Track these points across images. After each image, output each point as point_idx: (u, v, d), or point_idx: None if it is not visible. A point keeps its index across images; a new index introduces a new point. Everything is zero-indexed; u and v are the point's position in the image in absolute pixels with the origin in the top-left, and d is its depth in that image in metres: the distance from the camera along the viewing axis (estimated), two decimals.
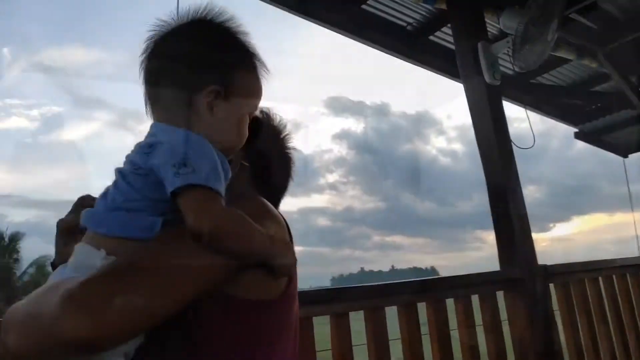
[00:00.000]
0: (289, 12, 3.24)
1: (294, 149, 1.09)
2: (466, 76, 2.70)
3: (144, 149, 0.73)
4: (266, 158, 1.03)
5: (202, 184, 0.67)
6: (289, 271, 0.80)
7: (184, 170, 0.66)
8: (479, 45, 2.60)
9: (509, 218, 2.49)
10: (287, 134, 1.08)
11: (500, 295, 2.43)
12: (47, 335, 0.62)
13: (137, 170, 0.71)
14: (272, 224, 0.82)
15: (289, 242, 0.85)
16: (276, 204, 1.06)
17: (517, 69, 2.62)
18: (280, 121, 1.08)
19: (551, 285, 2.60)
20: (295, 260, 0.81)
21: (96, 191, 0.80)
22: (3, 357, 0.68)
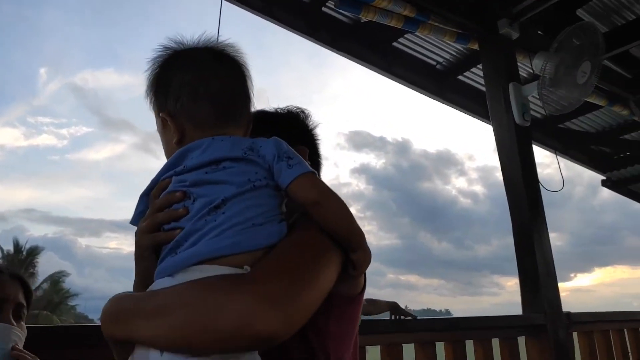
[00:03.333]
0: (321, 45, 3.32)
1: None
2: (496, 116, 2.70)
3: (249, 153, 0.80)
4: (316, 154, 1.13)
5: (311, 171, 0.80)
6: (366, 267, 0.86)
7: (292, 162, 0.79)
8: (510, 85, 2.61)
9: (535, 262, 2.43)
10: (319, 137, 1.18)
11: (521, 340, 2.36)
12: (228, 328, 0.64)
13: (255, 183, 0.78)
14: None
15: None
16: None
17: (547, 112, 2.61)
18: (315, 123, 1.17)
19: (574, 334, 2.52)
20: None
21: (117, 211, 0.81)
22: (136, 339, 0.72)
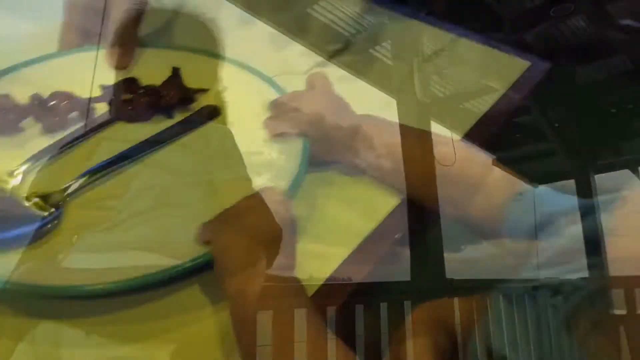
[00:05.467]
0: (230, 2, 3.19)
1: None
2: (399, 91, 2.76)
3: None
4: None
5: None
6: None
7: None
8: (414, 61, 2.67)
9: (424, 231, 2.56)
10: None
11: (408, 305, 2.51)
12: None
13: None
14: None
15: None
16: None
17: (445, 91, 2.72)
18: None
19: (455, 300, 2.72)
20: None
21: None
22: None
